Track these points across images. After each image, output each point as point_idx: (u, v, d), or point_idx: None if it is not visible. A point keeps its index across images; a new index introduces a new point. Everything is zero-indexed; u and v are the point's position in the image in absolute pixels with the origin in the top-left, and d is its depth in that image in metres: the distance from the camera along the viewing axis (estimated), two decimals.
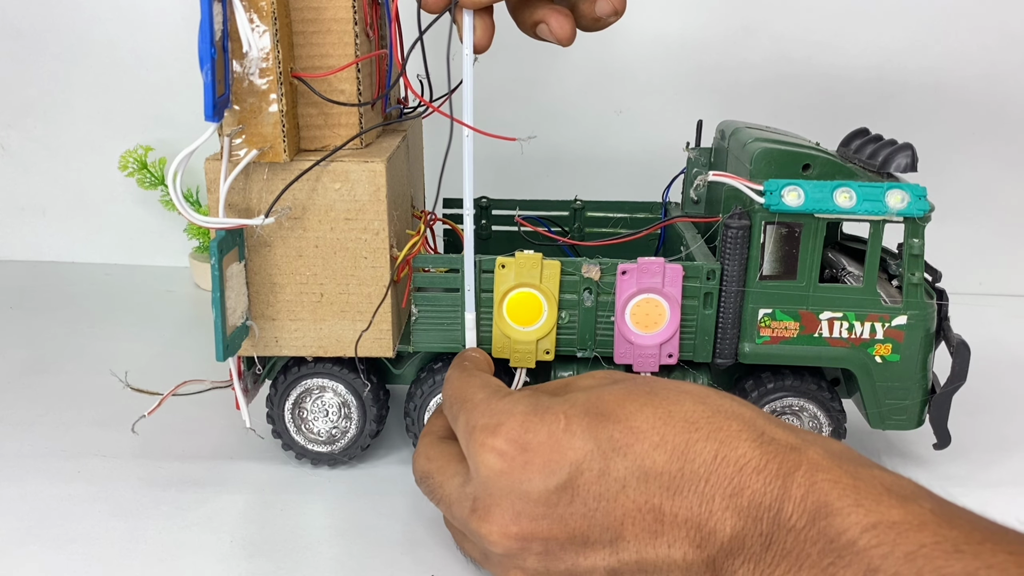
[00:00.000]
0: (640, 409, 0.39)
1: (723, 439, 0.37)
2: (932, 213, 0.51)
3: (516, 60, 0.87)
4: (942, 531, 0.32)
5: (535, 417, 0.40)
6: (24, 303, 0.89)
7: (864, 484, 0.35)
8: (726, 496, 0.36)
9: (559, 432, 0.39)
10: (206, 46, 0.44)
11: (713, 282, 0.53)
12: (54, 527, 0.52)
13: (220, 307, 0.48)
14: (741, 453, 0.37)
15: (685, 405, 0.39)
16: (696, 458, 0.37)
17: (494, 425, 0.41)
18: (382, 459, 0.60)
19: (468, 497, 0.41)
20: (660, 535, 0.37)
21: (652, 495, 0.37)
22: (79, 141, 0.97)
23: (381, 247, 0.51)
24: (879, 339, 0.53)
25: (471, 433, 0.42)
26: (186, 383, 0.54)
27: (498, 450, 0.40)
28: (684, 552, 0.37)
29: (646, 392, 0.40)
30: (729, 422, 0.38)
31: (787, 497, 0.35)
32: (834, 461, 0.36)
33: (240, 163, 0.48)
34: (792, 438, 0.37)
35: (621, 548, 0.38)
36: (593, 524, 0.38)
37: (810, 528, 0.34)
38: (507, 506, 0.40)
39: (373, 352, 0.54)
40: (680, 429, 0.38)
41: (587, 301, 0.53)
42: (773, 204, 0.51)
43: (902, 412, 0.54)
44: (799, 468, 0.36)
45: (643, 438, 0.38)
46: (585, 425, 0.39)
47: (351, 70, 0.50)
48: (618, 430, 0.39)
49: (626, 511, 0.38)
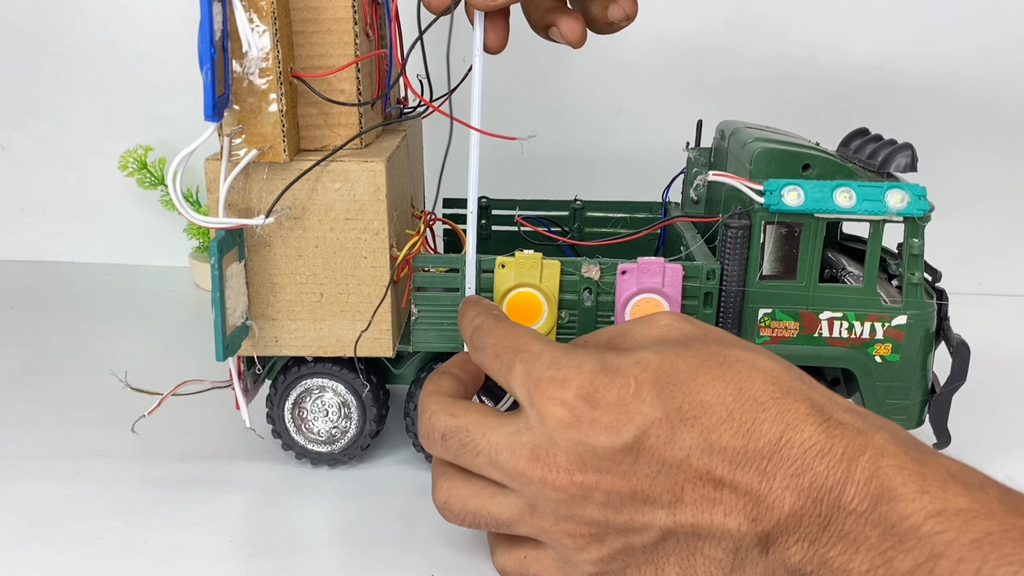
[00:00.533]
0: (712, 383, 0.39)
1: (790, 421, 0.37)
2: (932, 213, 0.51)
3: (516, 60, 0.87)
4: (1010, 519, 0.32)
5: (605, 377, 0.40)
6: (24, 303, 0.89)
7: (930, 471, 0.34)
8: (788, 475, 0.36)
9: (629, 396, 0.39)
10: (206, 46, 0.44)
11: (713, 282, 0.53)
12: (54, 527, 0.52)
13: (220, 307, 0.48)
14: (807, 436, 0.37)
15: (756, 383, 0.39)
16: (761, 437, 0.37)
17: (562, 378, 0.41)
18: (382, 459, 0.60)
19: (525, 445, 0.41)
20: (718, 503, 0.38)
21: (715, 466, 0.38)
22: (79, 141, 0.97)
23: (381, 247, 0.51)
24: (879, 339, 0.53)
25: (536, 384, 0.41)
26: (186, 383, 0.54)
27: (568, 403, 0.40)
28: (739, 523, 0.37)
29: (719, 363, 0.40)
30: (797, 404, 0.38)
31: (850, 480, 0.35)
32: (900, 447, 0.36)
33: (240, 163, 0.48)
34: (860, 422, 0.37)
35: (679, 511, 0.38)
36: (655, 485, 0.39)
37: (871, 512, 0.34)
38: (574, 456, 0.40)
39: (373, 352, 0.54)
40: (748, 407, 0.38)
41: (587, 301, 0.53)
42: (773, 204, 0.51)
43: (902, 412, 0.54)
44: (864, 452, 0.36)
45: (711, 412, 0.38)
46: (656, 393, 0.39)
47: (351, 70, 0.50)
48: (687, 402, 0.39)
49: (687, 477, 0.38)
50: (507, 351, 0.44)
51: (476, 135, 0.50)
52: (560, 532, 0.41)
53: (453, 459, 0.44)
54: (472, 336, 0.47)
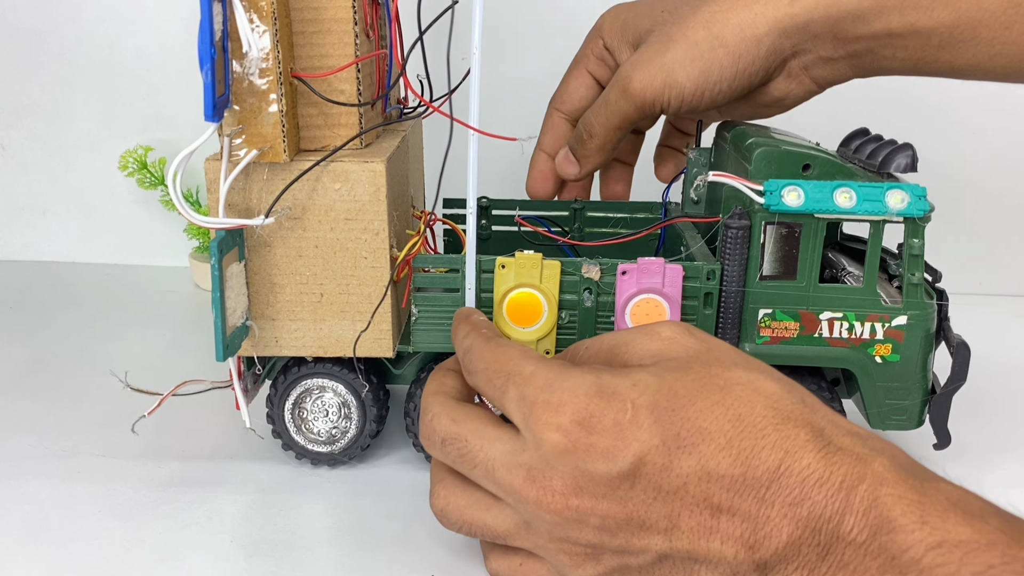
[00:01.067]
0: (711, 408, 0.39)
1: (789, 448, 0.37)
2: (932, 213, 0.51)
3: (516, 60, 0.87)
4: (1011, 551, 0.32)
5: (601, 401, 0.40)
6: (24, 303, 0.89)
7: (930, 500, 0.34)
8: (786, 504, 0.36)
9: (625, 421, 0.39)
10: (206, 46, 0.44)
11: (713, 282, 0.53)
12: (54, 527, 0.52)
13: (220, 307, 0.48)
14: (806, 464, 0.37)
15: (756, 409, 0.39)
16: (760, 465, 0.37)
17: (556, 403, 0.40)
18: (382, 459, 0.60)
19: (522, 466, 0.41)
20: (715, 531, 0.37)
21: (712, 493, 0.37)
22: (79, 141, 0.97)
23: (381, 247, 0.51)
24: (879, 339, 0.53)
25: (531, 408, 0.41)
26: (186, 383, 0.54)
27: (564, 429, 0.40)
28: (736, 551, 0.37)
29: (719, 388, 0.40)
30: (797, 431, 0.38)
31: (849, 510, 0.35)
32: (900, 475, 0.35)
33: (240, 163, 0.48)
34: (860, 447, 0.37)
35: (675, 537, 0.38)
36: (651, 511, 0.38)
37: (871, 542, 0.34)
38: (570, 480, 0.39)
39: (373, 352, 0.54)
40: (748, 434, 0.38)
41: (587, 301, 0.53)
42: (773, 204, 0.51)
43: (902, 412, 0.54)
44: (863, 481, 0.35)
45: (710, 439, 0.38)
46: (653, 419, 0.39)
47: (351, 70, 0.50)
48: (685, 428, 0.38)
49: (684, 504, 0.38)
50: (498, 375, 0.44)
51: (475, 135, 0.50)
52: (556, 549, 0.42)
53: (452, 464, 0.44)
54: (463, 359, 0.47)
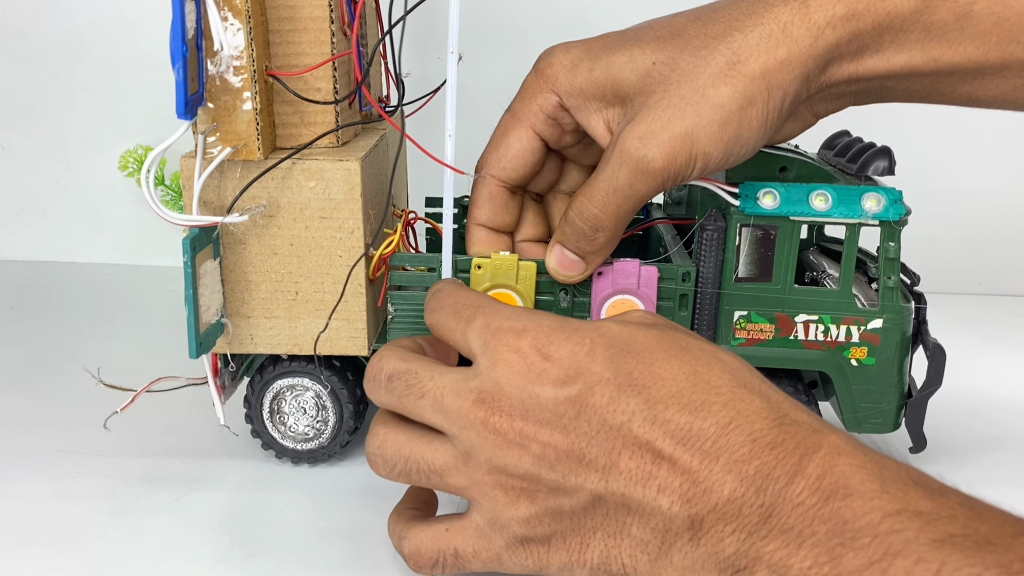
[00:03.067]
0: (667, 359, 0.39)
1: (741, 410, 0.37)
2: (909, 216, 0.51)
3: (507, 61, 0.87)
4: (972, 524, 0.31)
5: (562, 334, 0.41)
6: (24, 303, 0.90)
7: (890, 473, 0.34)
8: (732, 460, 0.35)
9: (581, 353, 0.39)
10: (178, 43, 0.44)
11: (688, 284, 0.52)
12: (54, 527, 0.52)
13: (193, 304, 0.48)
14: (757, 428, 0.36)
15: (713, 370, 0.39)
16: (708, 418, 0.37)
17: (520, 328, 0.41)
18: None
19: (471, 391, 0.41)
20: (653, 477, 0.37)
21: (656, 438, 0.37)
22: (79, 141, 0.97)
23: (356, 246, 0.51)
24: (855, 342, 0.52)
25: (494, 333, 0.42)
26: (160, 379, 0.54)
27: (521, 351, 0.40)
28: (671, 502, 0.36)
29: (679, 346, 0.40)
30: (752, 398, 0.37)
31: (800, 473, 0.34)
32: (858, 448, 0.35)
33: (214, 160, 0.48)
34: (816, 423, 0.37)
35: (612, 477, 0.38)
36: (592, 445, 0.38)
37: (821, 507, 0.33)
38: (517, 402, 0.40)
39: (349, 350, 0.54)
40: (700, 388, 0.38)
41: (563, 302, 0.53)
42: (748, 207, 0.51)
43: (878, 416, 0.54)
44: (819, 450, 0.35)
45: (662, 385, 0.38)
46: (608, 356, 0.39)
47: (327, 68, 0.50)
48: (639, 370, 0.38)
49: (625, 443, 0.37)
50: (468, 307, 0.45)
51: (452, 136, 0.50)
52: (492, 483, 0.41)
53: (396, 403, 0.44)
54: (431, 299, 0.47)
